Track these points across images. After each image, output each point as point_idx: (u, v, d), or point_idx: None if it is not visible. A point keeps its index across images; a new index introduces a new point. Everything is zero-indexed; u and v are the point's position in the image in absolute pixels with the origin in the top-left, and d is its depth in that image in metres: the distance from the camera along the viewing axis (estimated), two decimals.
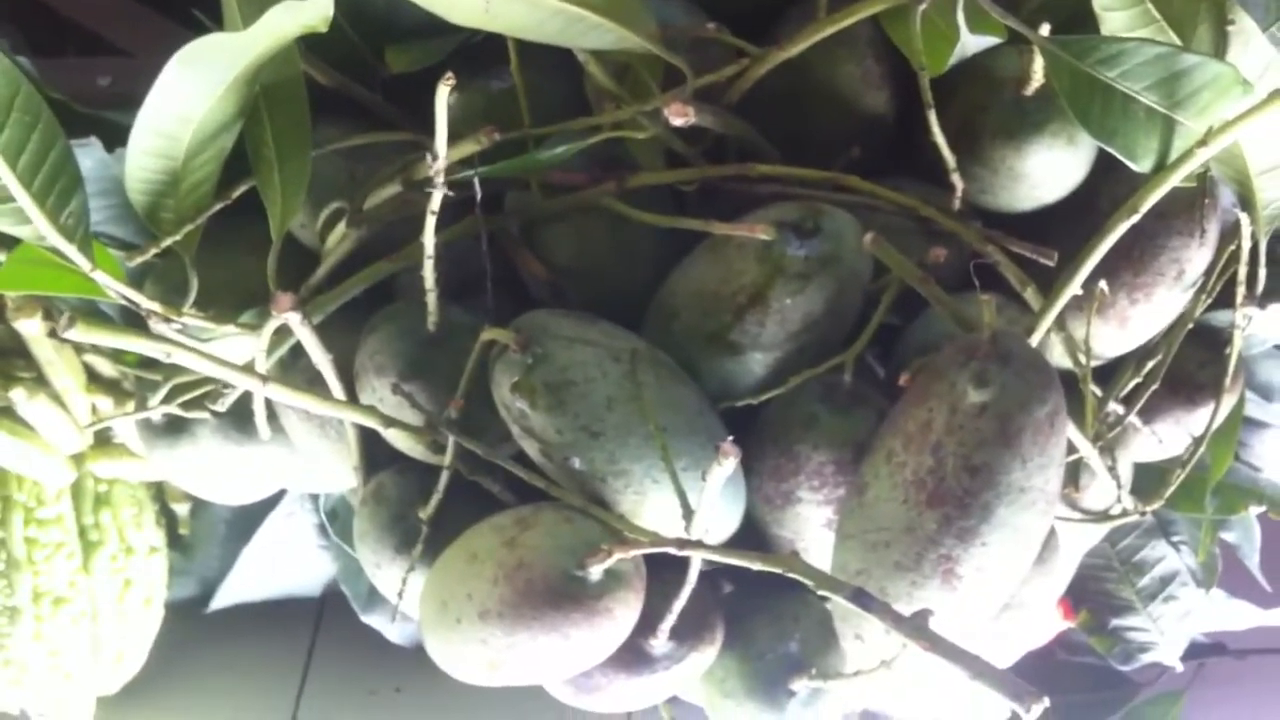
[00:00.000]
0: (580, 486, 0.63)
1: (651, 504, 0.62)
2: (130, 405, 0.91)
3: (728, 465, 0.52)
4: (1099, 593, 1.06)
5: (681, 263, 0.68)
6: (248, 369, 0.62)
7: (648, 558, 0.61)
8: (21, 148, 0.58)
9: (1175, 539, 1.02)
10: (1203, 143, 0.57)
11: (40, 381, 0.89)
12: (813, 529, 0.68)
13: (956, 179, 0.64)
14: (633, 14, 0.58)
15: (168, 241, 0.65)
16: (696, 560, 0.60)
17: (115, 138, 0.71)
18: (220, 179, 0.65)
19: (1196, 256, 0.70)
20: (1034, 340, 0.63)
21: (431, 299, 0.62)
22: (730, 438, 0.54)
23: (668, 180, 0.65)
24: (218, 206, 0.65)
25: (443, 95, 0.52)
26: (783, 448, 0.67)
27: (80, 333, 0.57)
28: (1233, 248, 0.72)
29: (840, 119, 0.68)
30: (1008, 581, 0.60)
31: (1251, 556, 0.99)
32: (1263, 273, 0.73)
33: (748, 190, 0.67)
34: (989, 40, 0.65)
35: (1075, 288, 0.62)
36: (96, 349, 0.90)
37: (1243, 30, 0.63)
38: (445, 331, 0.64)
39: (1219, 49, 0.62)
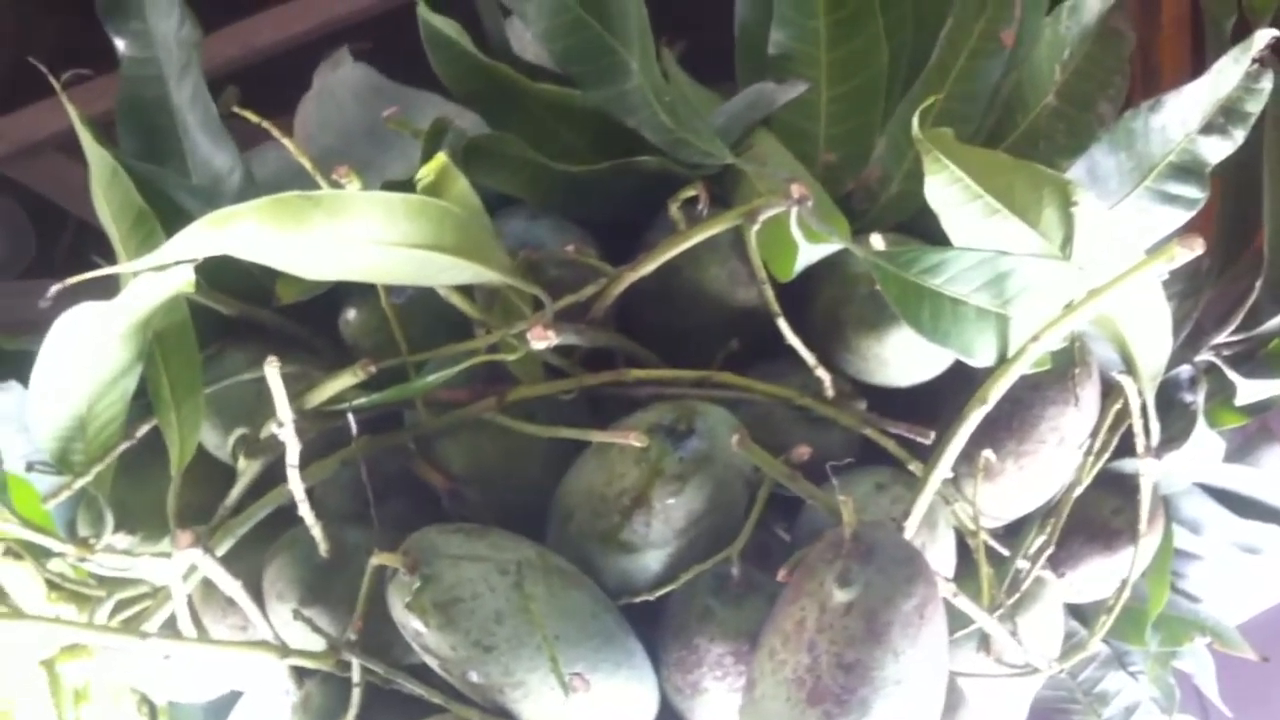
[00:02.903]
0: (482, 697, 0.65)
1: (550, 713, 0.64)
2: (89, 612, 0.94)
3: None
4: None
5: (574, 463, 0.70)
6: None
7: None
8: None
9: (1132, 669, 1.01)
10: (1035, 338, 0.59)
11: (1, 596, 0.92)
12: (727, 713, 0.69)
13: (821, 373, 0.66)
14: (484, 250, 0.61)
15: (80, 483, 0.68)
16: None
17: None
18: (128, 416, 0.68)
19: (1075, 421, 0.71)
20: (916, 514, 0.65)
21: (316, 531, 0.64)
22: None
23: (546, 392, 0.67)
24: (124, 446, 0.68)
25: (273, 375, 0.55)
26: (683, 641, 0.68)
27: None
28: (1118, 406, 0.74)
29: (715, 315, 0.71)
30: None
31: (1208, 685, 0.99)
32: (1155, 426, 0.74)
33: (629, 393, 0.69)
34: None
35: (945, 470, 0.64)
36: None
37: (1087, 209, 0.65)
38: (341, 555, 0.66)
39: (1067, 231, 0.64)
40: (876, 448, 0.70)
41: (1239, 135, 0.71)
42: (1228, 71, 0.70)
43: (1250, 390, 0.77)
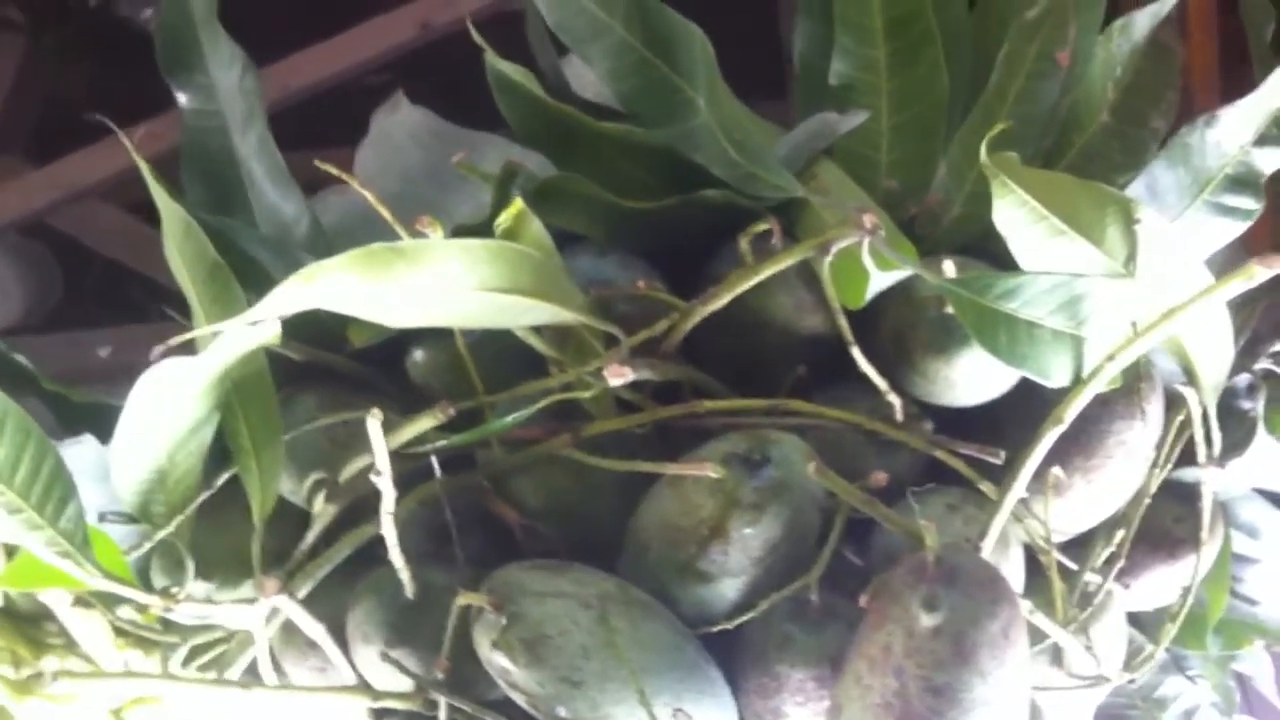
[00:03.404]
0: None
1: None
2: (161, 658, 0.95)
3: None
4: None
5: (648, 495, 0.71)
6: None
7: None
8: (16, 466, 0.63)
9: (1190, 673, 1.02)
10: (1111, 357, 0.60)
11: (70, 646, 0.93)
12: None
13: (893, 398, 0.67)
14: (560, 290, 0.62)
15: (161, 534, 0.69)
16: None
17: (110, 421, 0.75)
18: (204, 466, 0.69)
19: (1141, 435, 0.72)
20: (992, 534, 0.66)
21: (404, 574, 0.65)
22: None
23: (620, 426, 0.68)
24: (204, 496, 0.69)
25: (374, 428, 0.56)
26: (763, 668, 0.69)
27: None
28: (1182, 417, 0.75)
29: (781, 343, 0.71)
30: None
31: (1267, 686, 1.00)
32: (1217, 436, 0.75)
33: (698, 424, 0.70)
34: None
35: (1020, 491, 0.65)
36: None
37: (1150, 226, 0.66)
38: (425, 595, 0.67)
39: (1130, 249, 0.65)
40: (942, 468, 0.71)
41: None
42: (1279, 84, 0.70)
43: None
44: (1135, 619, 0.93)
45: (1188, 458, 0.78)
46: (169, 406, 0.64)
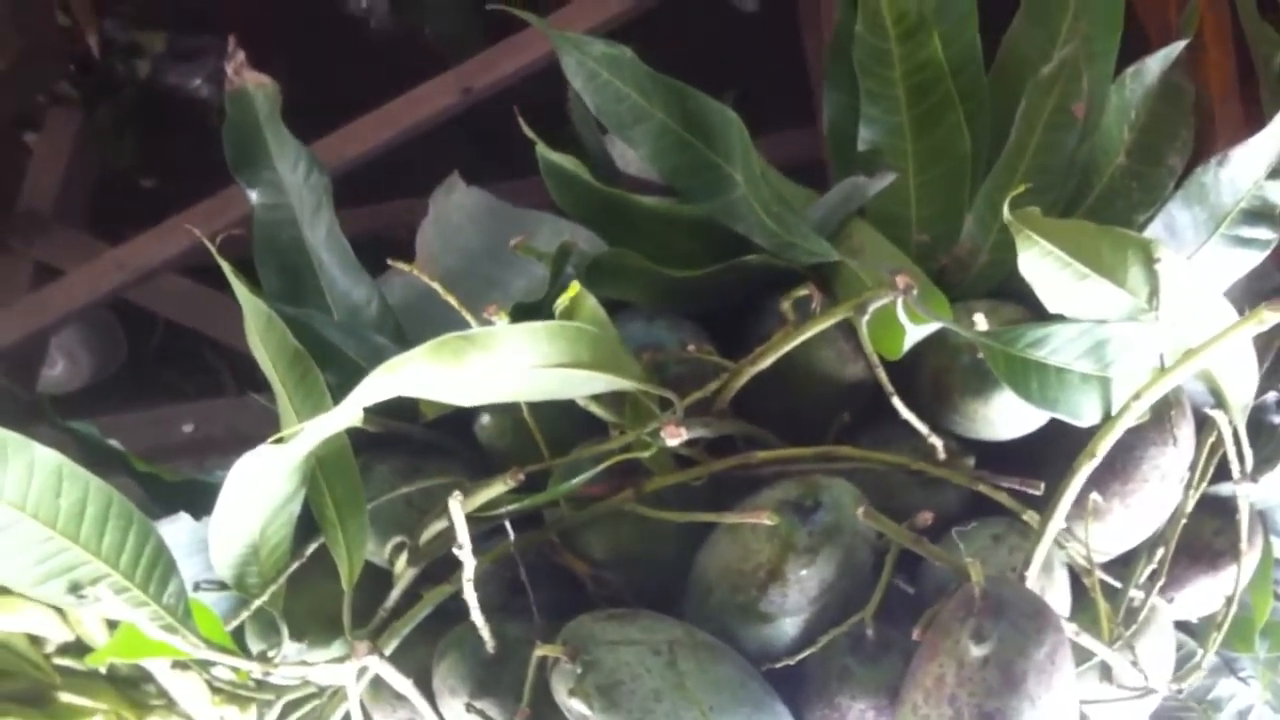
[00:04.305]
0: None
1: None
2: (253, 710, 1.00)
3: None
4: None
5: (708, 542, 0.75)
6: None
7: None
8: (121, 548, 0.68)
9: (1242, 674, 1.05)
10: (1137, 397, 0.64)
11: (170, 706, 0.99)
12: None
13: (934, 440, 0.71)
14: (616, 360, 0.66)
15: (257, 604, 0.74)
16: None
17: (201, 497, 0.81)
18: (293, 537, 0.74)
19: (1174, 459, 0.76)
20: (1035, 563, 0.69)
21: (484, 630, 0.69)
22: None
23: (679, 480, 0.72)
24: (295, 565, 0.74)
25: (455, 508, 0.61)
26: (825, 700, 0.73)
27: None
28: (1213, 438, 0.78)
29: (825, 392, 0.75)
30: None
31: None
32: (1248, 453, 0.79)
33: (752, 473, 0.74)
34: None
35: (1060, 521, 0.69)
36: None
37: (1169, 264, 0.70)
38: (504, 648, 0.72)
39: (1152, 287, 0.69)
40: (985, 500, 0.75)
41: None
42: None
43: None
44: (1185, 627, 0.96)
45: (1223, 473, 0.81)
46: (261, 487, 0.69)
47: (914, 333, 0.68)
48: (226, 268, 0.73)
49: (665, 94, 0.70)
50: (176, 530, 0.79)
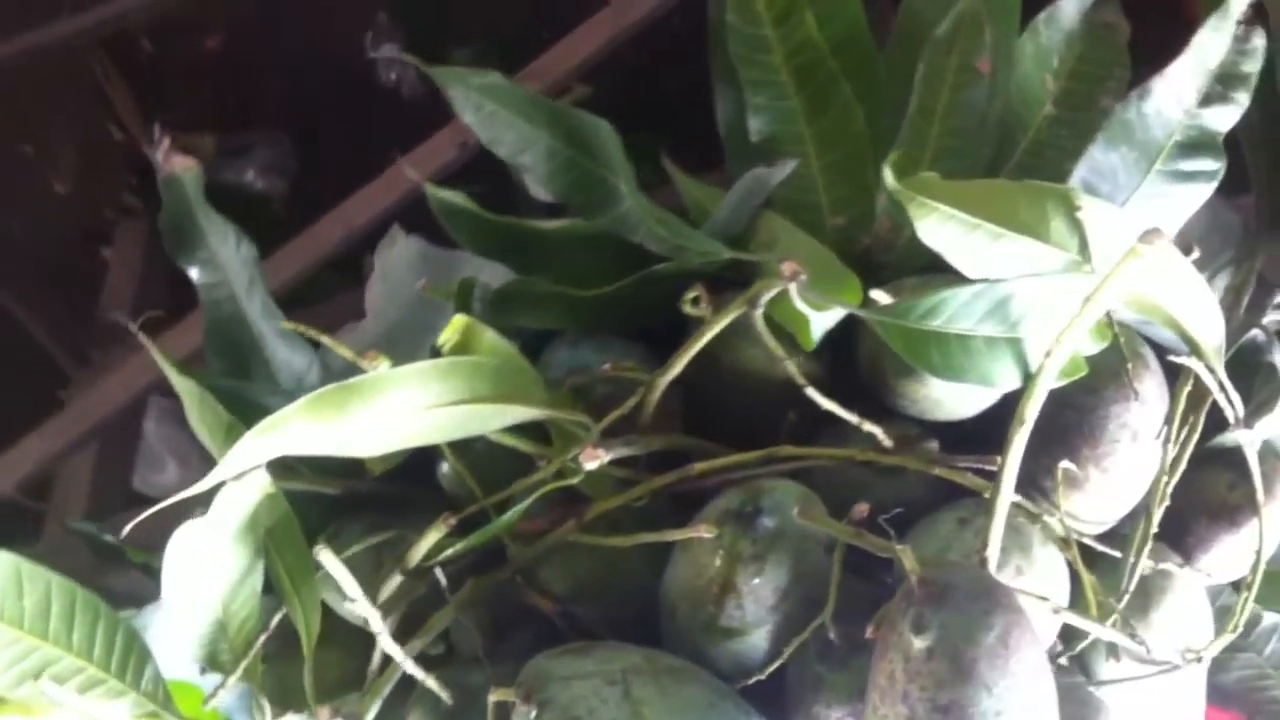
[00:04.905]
0: None
1: None
2: None
3: None
4: (1267, 700, 1.02)
5: (670, 562, 0.73)
6: None
7: None
8: (91, 642, 0.69)
9: None
10: (1048, 354, 0.60)
11: None
12: None
13: (868, 428, 0.68)
14: (523, 390, 0.65)
15: (232, 679, 0.74)
16: None
17: None
18: (262, 608, 0.75)
19: (1142, 415, 0.71)
20: (993, 544, 0.66)
21: (430, 683, 0.69)
22: None
23: (619, 504, 0.70)
24: (264, 636, 0.75)
25: (328, 558, 0.60)
26: (803, 711, 0.70)
27: None
28: (1189, 388, 0.74)
29: (767, 393, 0.73)
30: None
31: None
32: (1235, 398, 0.74)
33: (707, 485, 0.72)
34: None
35: (1008, 496, 0.65)
36: None
37: (1094, 211, 0.66)
38: (464, 699, 0.71)
39: (1079, 236, 0.65)
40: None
41: (1243, 98, 0.71)
42: (1211, 41, 0.70)
43: None
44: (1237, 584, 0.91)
45: (1224, 424, 0.76)
46: (206, 564, 0.70)
47: (819, 320, 0.66)
48: (160, 357, 0.74)
49: (547, 115, 0.70)
50: (154, 619, 0.80)
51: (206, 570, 0.71)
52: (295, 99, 2.01)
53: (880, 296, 0.63)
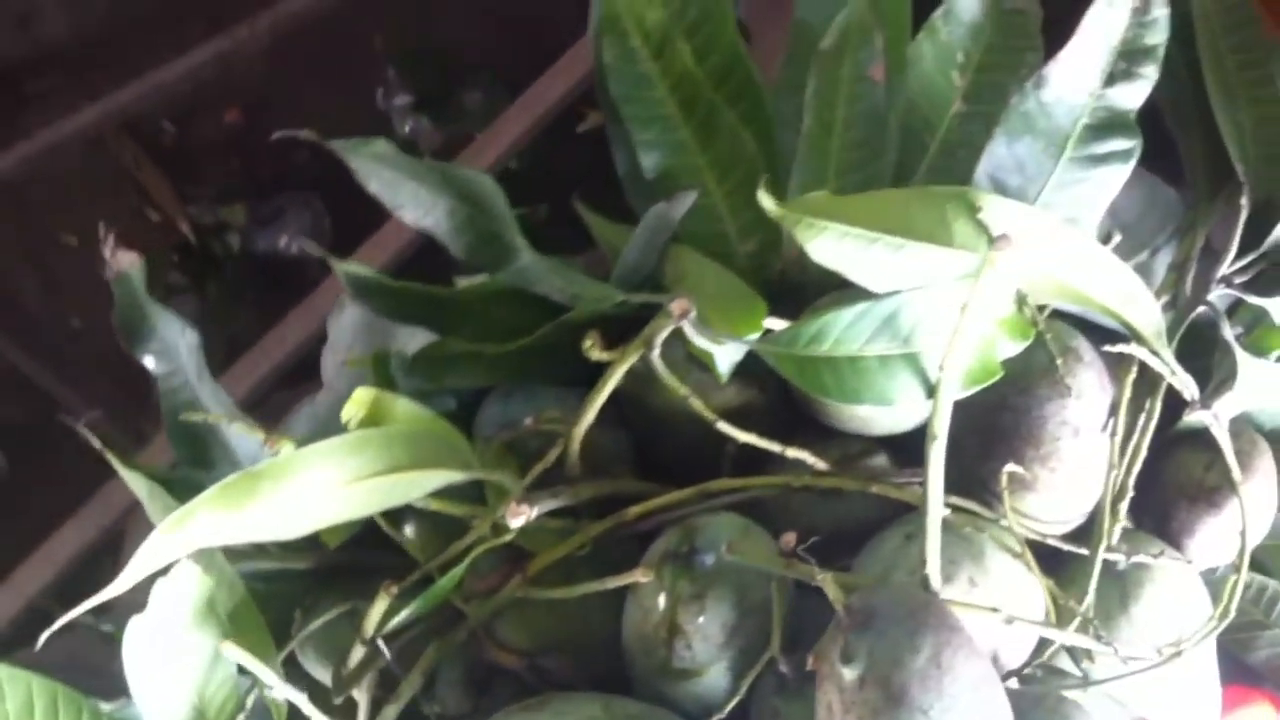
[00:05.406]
0: None
1: None
2: None
3: None
4: None
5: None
6: None
7: None
8: None
9: None
10: (941, 366, 0.59)
11: None
12: None
13: (792, 453, 0.67)
14: (442, 454, 0.65)
15: None
16: None
17: None
18: (239, 690, 0.76)
19: (1080, 410, 0.69)
20: (931, 560, 0.64)
21: None
22: None
23: (562, 554, 0.70)
24: (243, 717, 0.76)
25: (229, 650, 0.61)
26: None
27: None
28: (1133, 376, 0.71)
29: (703, 427, 0.72)
30: None
31: None
32: (1186, 379, 0.72)
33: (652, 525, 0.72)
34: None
35: (938, 511, 0.63)
36: None
37: (997, 208, 0.64)
38: None
39: (986, 236, 0.64)
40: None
41: (1151, 71, 0.69)
42: (1107, 17, 0.68)
43: None
44: (1260, 565, 0.88)
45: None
46: (169, 655, 0.71)
47: (723, 354, 0.65)
48: (113, 458, 0.75)
49: (439, 177, 0.70)
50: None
51: (171, 660, 0.72)
52: (321, 160, 2.04)
53: (774, 324, 0.62)
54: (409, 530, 0.80)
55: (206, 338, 0.87)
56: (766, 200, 0.60)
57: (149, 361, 0.84)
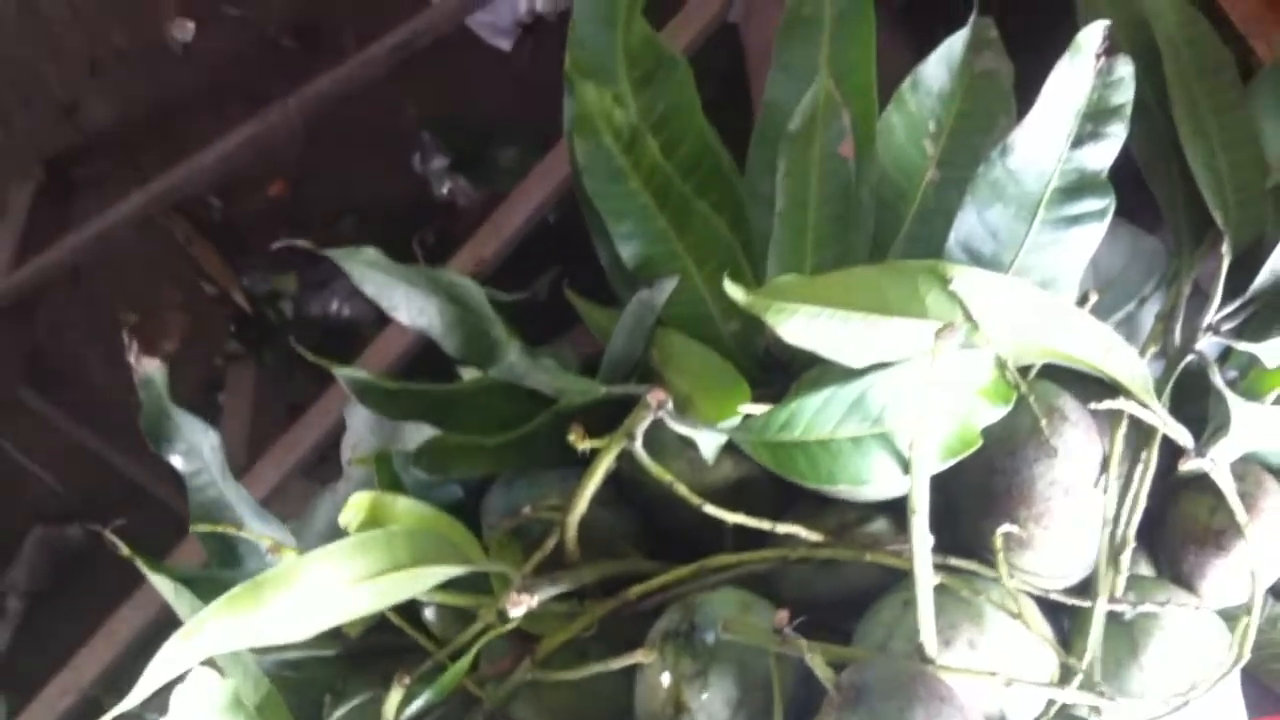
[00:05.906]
0: None
1: None
2: None
3: None
4: None
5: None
6: None
7: None
8: None
9: None
10: (910, 445, 0.60)
11: None
12: None
13: (781, 527, 0.68)
14: (445, 550, 0.68)
15: None
16: None
17: None
18: None
19: (1068, 467, 0.70)
20: (925, 627, 0.65)
21: None
22: None
23: (569, 636, 0.72)
24: None
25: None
26: None
27: None
28: (1123, 430, 0.72)
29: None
30: None
31: None
32: (1178, 429, 0.72)
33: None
34: None
35: (928, 579, 0.64)
36: None
37: (969, 278, 0.65)
38: None
39: (959, 306, 0.65)
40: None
41: (1119, 129, 0.70)
42: (1069, 80, 0.69)
43: (1274, 350, 0.73)
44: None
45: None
46: None
47: (706, 440, 0.66)
48: (141, 561, 0.78)
49: (427, 280, 0.72)
50: None
51: None
52: (367, 224, 2.08)
53: (752, 409, 0.64)
54: (429, 614, 0.82)
55: (266, 402, 0.90)
56: (734, 290, 0.61)
57: (177, 461, 0.87)
